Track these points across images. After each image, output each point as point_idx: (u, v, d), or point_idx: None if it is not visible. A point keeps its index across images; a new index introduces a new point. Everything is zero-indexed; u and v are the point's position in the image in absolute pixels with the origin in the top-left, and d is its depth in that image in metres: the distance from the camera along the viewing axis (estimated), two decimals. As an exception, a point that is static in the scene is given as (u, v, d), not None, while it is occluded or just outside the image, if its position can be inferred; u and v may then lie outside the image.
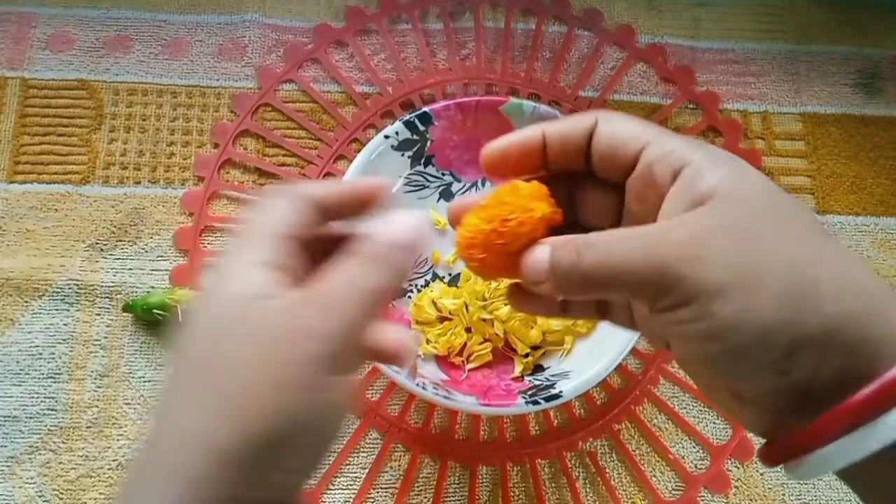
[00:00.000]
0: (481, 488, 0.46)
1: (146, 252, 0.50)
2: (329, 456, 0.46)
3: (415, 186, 0.50)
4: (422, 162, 0.50)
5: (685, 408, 0.49)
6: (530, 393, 0.43)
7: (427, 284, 0.49)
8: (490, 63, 0.56)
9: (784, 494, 0.47)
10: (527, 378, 0.46)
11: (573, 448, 0.47)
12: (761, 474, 0.47)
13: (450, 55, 0.56)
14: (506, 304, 0.47)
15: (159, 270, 0.49)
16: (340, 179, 0.27)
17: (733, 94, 0.57)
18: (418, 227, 0.24)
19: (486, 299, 0.47)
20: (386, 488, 0.46)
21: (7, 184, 0.51)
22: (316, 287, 0.23)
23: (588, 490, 0.46)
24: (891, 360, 0.20)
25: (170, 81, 0.54)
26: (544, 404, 0.42)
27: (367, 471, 0.46)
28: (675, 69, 0.57)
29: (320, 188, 0.26)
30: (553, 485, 0.46)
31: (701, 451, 0.48)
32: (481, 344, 0.47)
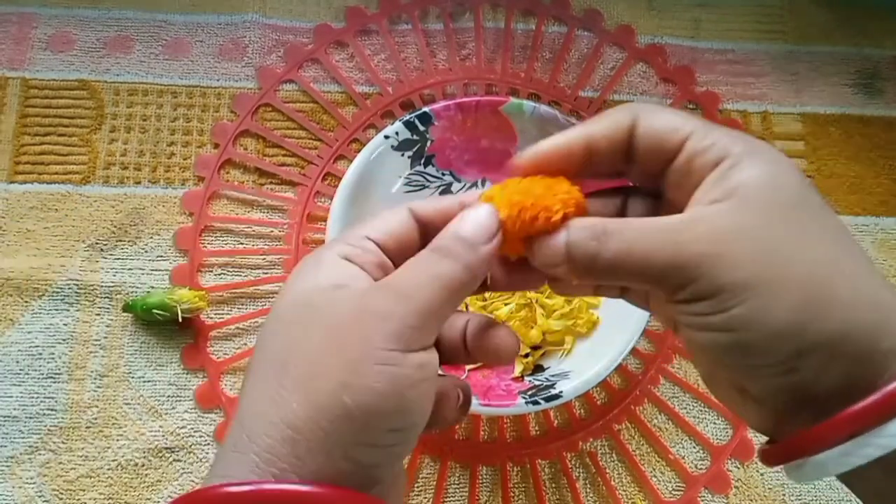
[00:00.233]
0: (481, 488, 0.46)
1: (146, 252, 0.50)
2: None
3: (415, 186, 0.50)
4: (422, 162, 0.50)
5: (685, 408, 0.49)
6: (530, 393, 0.43)
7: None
8: (490, 63, 0.56)
9: (784, 495, 0.47)
10: (527, 378, 0.45)
11: (573, 448, 0.47)
12: (761, 475, 0.47)
13: (450, 55, 0.56)
14: (506, 304, 0.47)
15: (159, 270, 0.49)
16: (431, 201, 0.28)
17: (733, 94, 0.57)
18: (481, 222, 0.25)
19: (486, 299, 0.47)
20: (386, 488, 0.46)
21: (7, 184, 0.51)
22: (389, 276, 0.24)
23: (588, 490, 0.46)
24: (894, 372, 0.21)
25: (170, 81, 0.54)
26: (544, 404, 0.42)
27: (366, 471, 0.46)
28: (674, 69, 0.57)
29: (423, 202, 0.27)
30: (553, 485, 0.46)
31: (701, 452, 0.48)
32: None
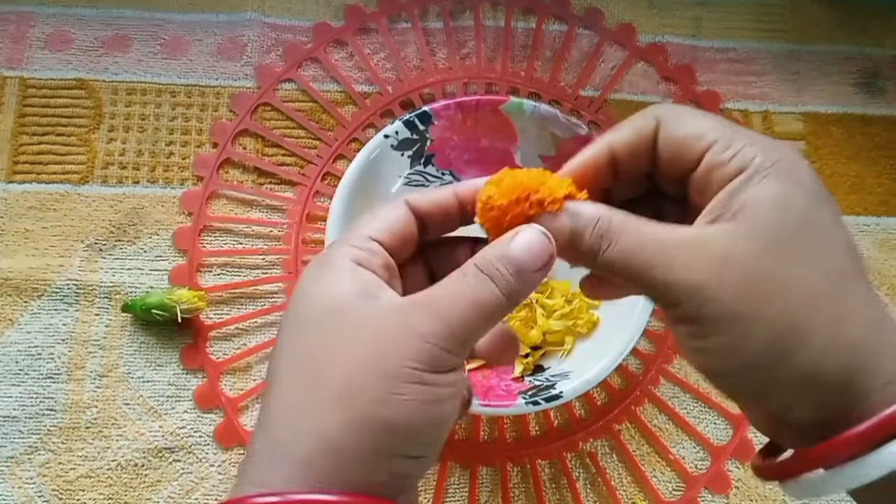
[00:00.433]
0: (481, 489, 0.46)
1: (145, 252, 0.50)
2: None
3: (415, 186, 0.50)
4: (422, 161, 0.49)
5: (685, 408, 0.48)
6: (530, 393, 0.43)
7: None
8: (490, 62, 0.56)
9: (785, 496, 0.47)
10: (527, 378, 0.45)
11: (573, 448, 0.47)
12: (762, 475, 0.47)
13: (450, 54, 0.56)
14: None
15: (158, 270, 0.49)
16: (433, 192, 0.27)
17: (734, 93, 0.57)
18: (536, 247, 0.24)
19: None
20: (386, 489, 0.46)
21: (6, 184, 0.51)
22: (427, 292, 0.24)
23: (588, 490, 0.46)
24: (870, 407, 0.22)
25: (169, 81, 0.54)
26: (544, 405, 0.42)
27: (366, 471, 0.46)
28: (675, 68, 0.57)
29: (420, 195, 0.27)
30: (553, 485, 0.46)
31: (701, 452, 0.48)
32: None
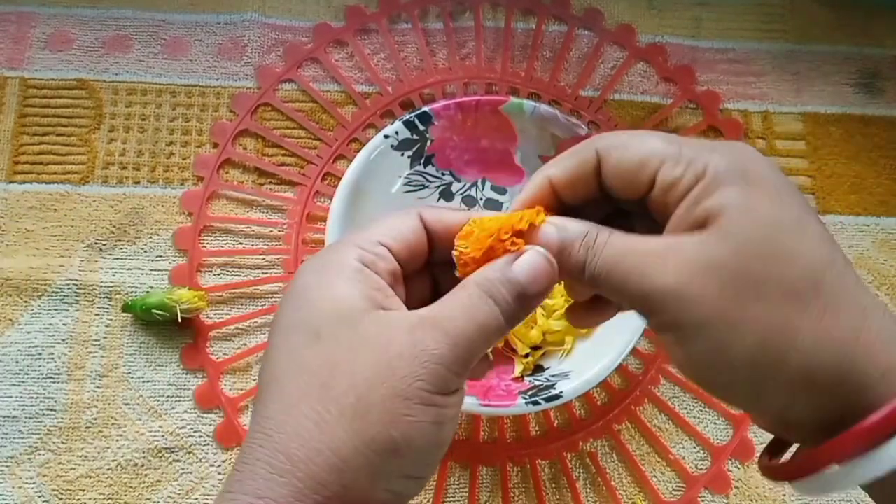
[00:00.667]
0: (481, 489, 0.46)
1: (145, 252, 0.50)
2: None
3: (414, 186, 0.50)
4: (422, 161, 0.50)
5: (686, 408, 0.48)
6: (530, 393, 0.43)
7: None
8: (490, 63, 0.56)
9: (784, 495, 0.47)
10: (527, 378, 0.45)
11: (573, 448, 0.47)
12: (762, 475, 0.47)
13: (450, 55, 0.56)
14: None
15: (158, 270, 0.49)
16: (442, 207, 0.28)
17: (734, 93, 0.57)
18: (539, 271, 0.25)
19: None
20: (386, 489, 0.46)
21: (6, 184, 0.51)
22: (435, 311, 0.24)
23: (588, 490, 0.46)
24: (873, 398, 0.21)
25: (169, 81, 0.54)
26: (544, 405, 0.42)
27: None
28: (675, 69, 0.57)
29: (433, 210, 0.27)
30: (553, 485, 0.46)
31: (701, 452, 0.48)
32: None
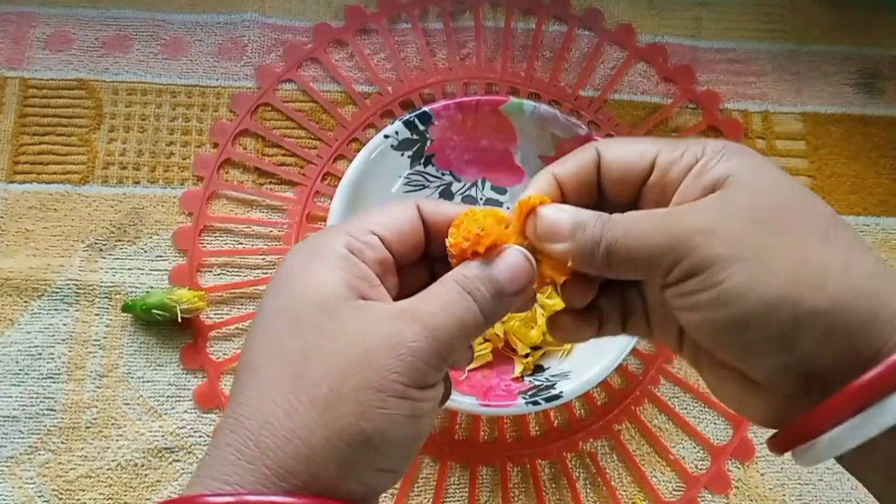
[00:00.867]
0: (481, 489, 0.46)
1: (145, 252, 0.50)
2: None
3: (414, 186, 0.50)
4: (422, 161, 0.50)
5: (686, 408, 0.48)
6: (530, 393, 0.43)
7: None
8: (490, 63, 0.56)
9: (784, 495, 0.47)
10: (527, 378, 0.45)
11: (573, 448, 0.47)
12: (762, 475, 0.47)
13: (450, 55, 0.56)
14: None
15: (158, 270, 0.49)
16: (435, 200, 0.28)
17: (734, 93, 0.57)
18: (518, 269, 0.25)
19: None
20: (386, 489, 0.46)
21: (6, 184, 0.51)
22: (414, 304, 0.24)
23: (588, 490, 0.46)
24: (884, 353, 0.21)
25: (169, 81, 0.54)
26: (544, 405, 0.42)
27: (366, 471, 0.46)
28: (675, 69, 0.57)
29: (431, 201, 0.27)
30: (553, 485, 0.46)
31: (701, 452, 0.48)
32: (481, 344, 0.47)
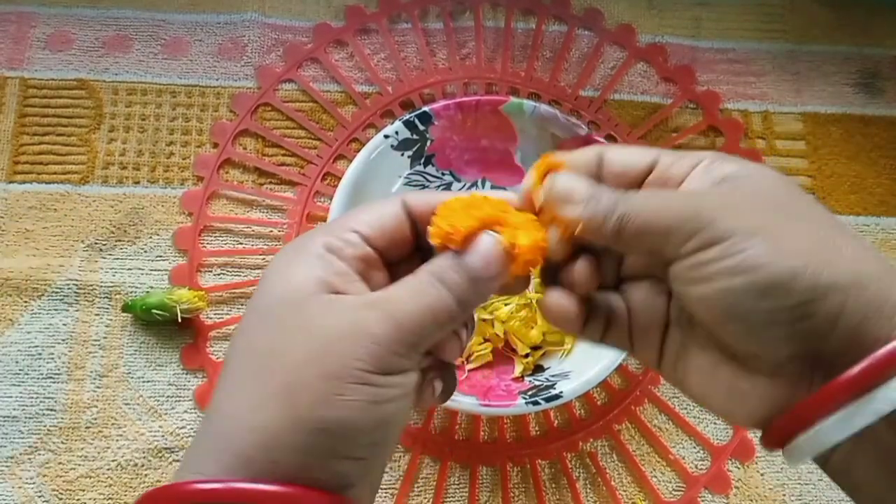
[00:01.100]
0: (481, 489, 0.46)
1: (145, 252, 0.50)
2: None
3: (415, 186, 0.50)
4: (422, 161, 0.50)
5: (686, 408, 0.48)
6: (530, 393, 0.43)
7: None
8: (490, 63, 0.56)
9: (784, 495, 0.47)
10: (527, 378, 0.45)
11: (573, 448, 0.47)
12: (762, 475, 0.47)
13: (450, 55, 0.56)
14: (506, 304, 0.47)
15: (158, 270, 0.49)
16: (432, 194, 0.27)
17: (734, 93, 0.57)
18: (491, 255, 0.24)
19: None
20: (386, 488, 0.46)
21: (6, 184, 0.51)
22: (384, 293, 0.24)
23: (588, 490, 0.46)
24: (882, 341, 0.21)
25: (169, 81, 0.54)
26: (544, 405, 0.42)
27: (366, 471, 0.46)
28: (675, 69, 0.57)
29: (418, 194, 0.27)
30: (553, 485, 0.46)
31: (701, 452, 0.48)
32: (481, 344, 0.47)
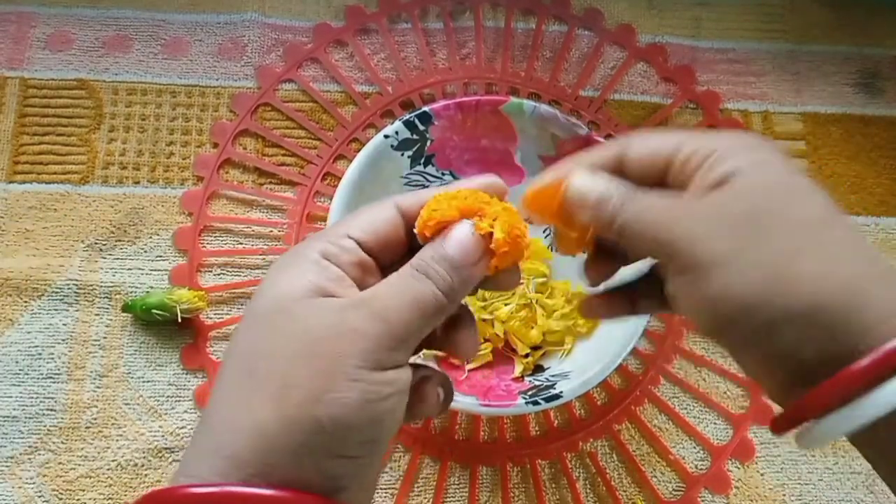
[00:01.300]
0: (481, 489, 0.46)
1: (145, 252, 0.50)
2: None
3: (415, 186, 0.50)
4: (422, 162, 0.49)
5: (685, 408, 0.48)
6: (530, 393, 0.43)
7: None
8: (490, 63, 0.56)
9: (784, 495, 0.47)
10: (527, 378, 0.45)
11: (573, 448, 0.47)
12: (762, 475, 0.47)
13: (450, 55, 0.56)
14: (506, 304, 0.47)
15: (158, 270, 0.49)
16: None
17: (734, 93, 0.57)
18: (467, 243, 0.25)
19: (486, 299, 0.47)
20: (386, 489, 0.46)
21: (6, 184, 0.51)
22: (369, 292, 0.25)
23: (588, 490, 0.46)
24: (878, 338, 0.21)
25: (169, 81, 0.54)
26: (544, 405, 0.42)
27: (366, 471, 0.46)
28: (675, 69, 0.57)
29: (409, 196, 0.27)
30: (553, 485, 0.46)
31: (701, 452, 0.48)
32: (481, 344, 0.47)
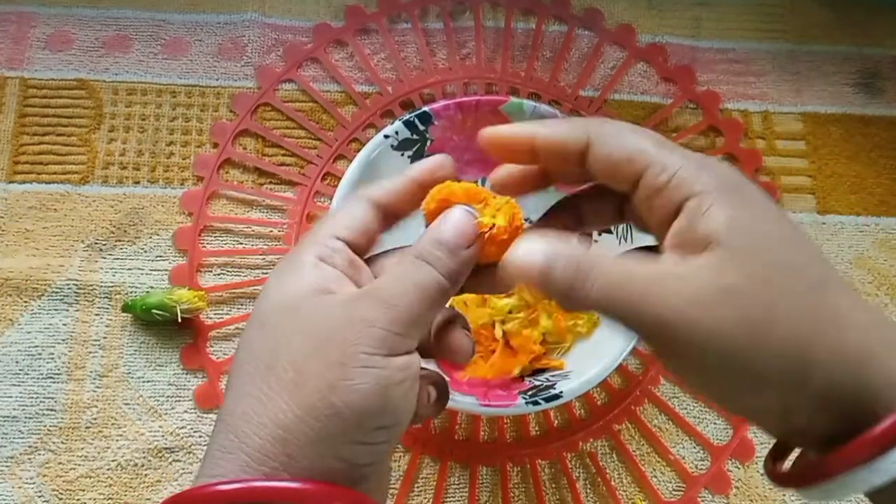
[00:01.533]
0: (481, 489, 0.46)
1: (145, 252, 0.50)
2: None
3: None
4: (422, 162, 0.49)
5: (685, 408, 0.48)
6: (530, 393, 0.43)
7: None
8: (490, 63, 0.56)
9: (784, 495, 0.47)
10: (527, 378, 0.45)
11: (573, 448, 0.47)
12: (762, 475, 0.47)
13: (450, 55, 0.56)
14: (509, 312, 0.47)
15: (158, 270, 0.49)
16: (398, 178, 0.28)
17: (734, 93, 0.57)
18: (461, 226, 0.25)
19: (485, 299, 0.47)
20: (386, 489, 0.46)
21: (6, 184, 0.51)
22: (373, 284, 0.25)
23: (588, 491, 0.46)
24: (884, 407, 0.21)
25: (169, 81, 0.54)
26: (544, 405, 0.42)
27: (366, 471, 0.46)
28: (675, 69, 0.57)
29: (379, 189, 0.27)
30: (553, 485, 0.46)
31: (701, 452, 0.48)
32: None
